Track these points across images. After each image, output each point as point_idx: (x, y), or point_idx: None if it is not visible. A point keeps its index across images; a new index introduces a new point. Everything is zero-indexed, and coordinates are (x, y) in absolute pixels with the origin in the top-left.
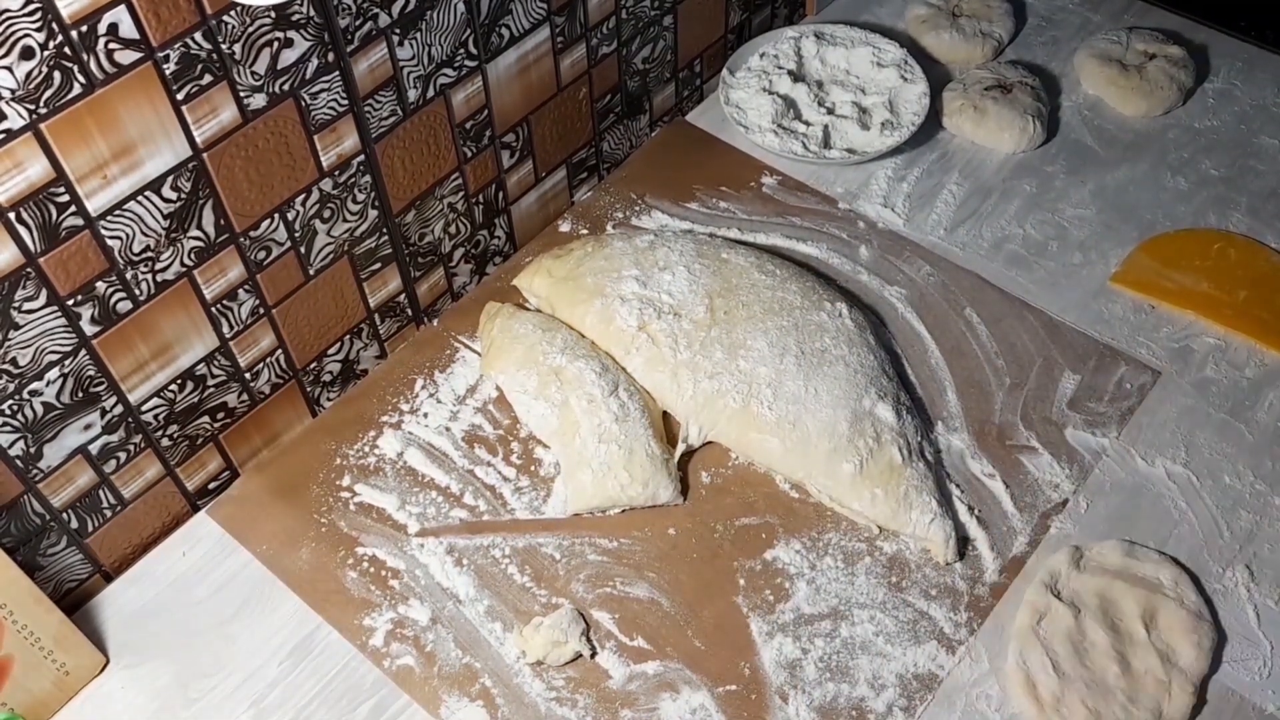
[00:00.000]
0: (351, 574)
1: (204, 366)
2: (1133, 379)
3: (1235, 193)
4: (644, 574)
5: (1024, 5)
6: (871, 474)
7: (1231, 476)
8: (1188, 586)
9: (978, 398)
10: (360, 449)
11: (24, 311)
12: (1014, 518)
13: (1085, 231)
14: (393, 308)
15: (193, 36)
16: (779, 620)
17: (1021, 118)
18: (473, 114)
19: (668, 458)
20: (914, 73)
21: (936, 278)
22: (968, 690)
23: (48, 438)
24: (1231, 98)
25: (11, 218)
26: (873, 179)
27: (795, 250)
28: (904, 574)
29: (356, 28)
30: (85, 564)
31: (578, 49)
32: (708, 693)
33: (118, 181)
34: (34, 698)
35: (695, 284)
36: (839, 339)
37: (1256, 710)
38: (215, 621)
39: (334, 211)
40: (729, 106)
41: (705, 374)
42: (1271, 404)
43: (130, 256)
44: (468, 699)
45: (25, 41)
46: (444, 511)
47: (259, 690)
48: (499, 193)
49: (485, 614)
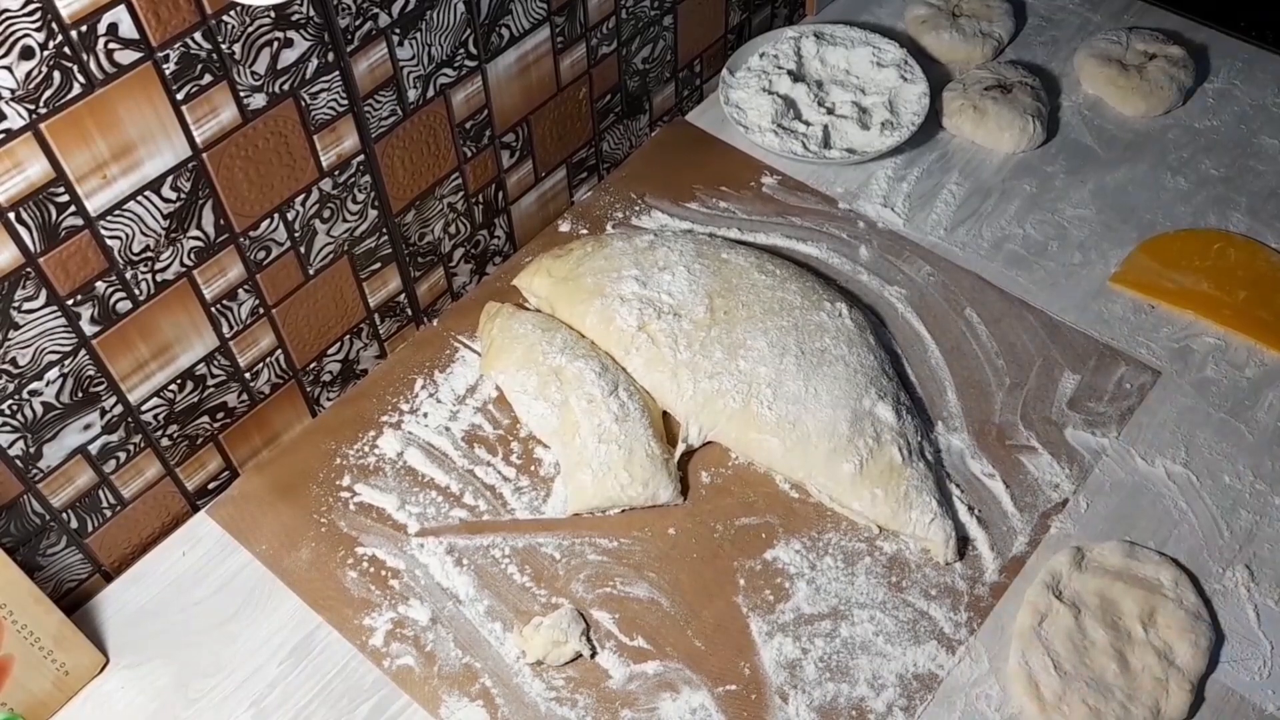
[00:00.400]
0: (351, 574)
1: (204, 366)
2: (1133, 379)
3: (1235, 193)
4: (644, 574)
5: (1024, 5)
6: (871, 474)
7: (1231, 476)
8: (1187, 588)
9: (978, 398)
10: (360, 449)
11: (24, 311)
12: (1014, 518)
13: (1085, 231)
14: (393, 308)
15: (193, 36)
16: (779, 620)
17: (1021, 118)
18: (473, 114)
19: (668, 458)
20: (914, 73)
21: (936, 278)
22: (968, 690)
23: (47, 438)
24: (1231, 98)
25: (11, 218)
26: (873, 179)
27: (795, 250)
28: (904, 574)
29: (356, 28)
30: (85, 564)
31: (578, 49)
32: (708, 693)
33: (117, 181)
34: (34, 697)
35: (695, 284)
36: (839, 339)
37: (1256, 710)
38: (215, 621)
39: (334, 211)
40: (729, 106)
41: (705, 374)
42: (1271, 404)
43: (130, 256)
44: (468, 699)
45: (25, 41)
46: (444, 511)
47: (259, 690)
48: (499, 193)
49: (485, 614)
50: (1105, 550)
